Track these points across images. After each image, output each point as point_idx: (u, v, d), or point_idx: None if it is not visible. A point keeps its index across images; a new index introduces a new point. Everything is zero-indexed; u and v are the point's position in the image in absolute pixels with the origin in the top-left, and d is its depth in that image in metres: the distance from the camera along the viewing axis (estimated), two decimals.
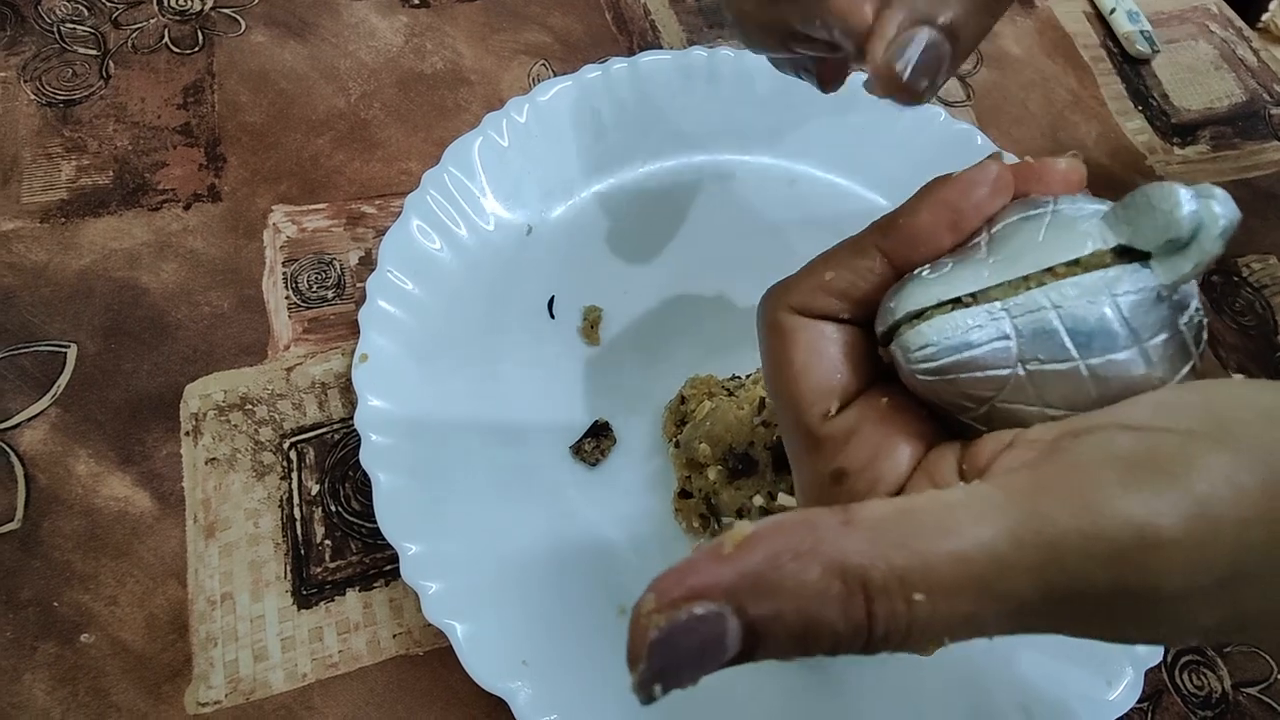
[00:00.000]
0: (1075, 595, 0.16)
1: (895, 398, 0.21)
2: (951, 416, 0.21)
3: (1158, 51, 0.60)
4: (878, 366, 0.22)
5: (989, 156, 0.21)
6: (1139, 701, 0.36)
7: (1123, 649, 0.36)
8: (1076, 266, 0.19)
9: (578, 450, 0.39)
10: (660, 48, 0.53)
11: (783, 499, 0.33)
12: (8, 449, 0.37)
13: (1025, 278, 0.19)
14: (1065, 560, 0.16)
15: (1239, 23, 0.64)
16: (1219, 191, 0.19)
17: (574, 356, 0.42)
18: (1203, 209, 0.18)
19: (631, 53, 0.50)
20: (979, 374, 0.19)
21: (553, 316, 0.43)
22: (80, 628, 0.34)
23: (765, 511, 0.34)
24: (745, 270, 0.44)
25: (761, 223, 0.47)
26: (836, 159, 0.48)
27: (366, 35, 0.52)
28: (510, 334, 0.42)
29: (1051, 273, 0.19)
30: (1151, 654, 0.36)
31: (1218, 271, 0.51)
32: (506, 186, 0.44)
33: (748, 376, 0.39)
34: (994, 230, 0.20)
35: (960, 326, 0.19)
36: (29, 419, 0.38)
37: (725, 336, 0.42)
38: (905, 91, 0.24)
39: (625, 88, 0.47)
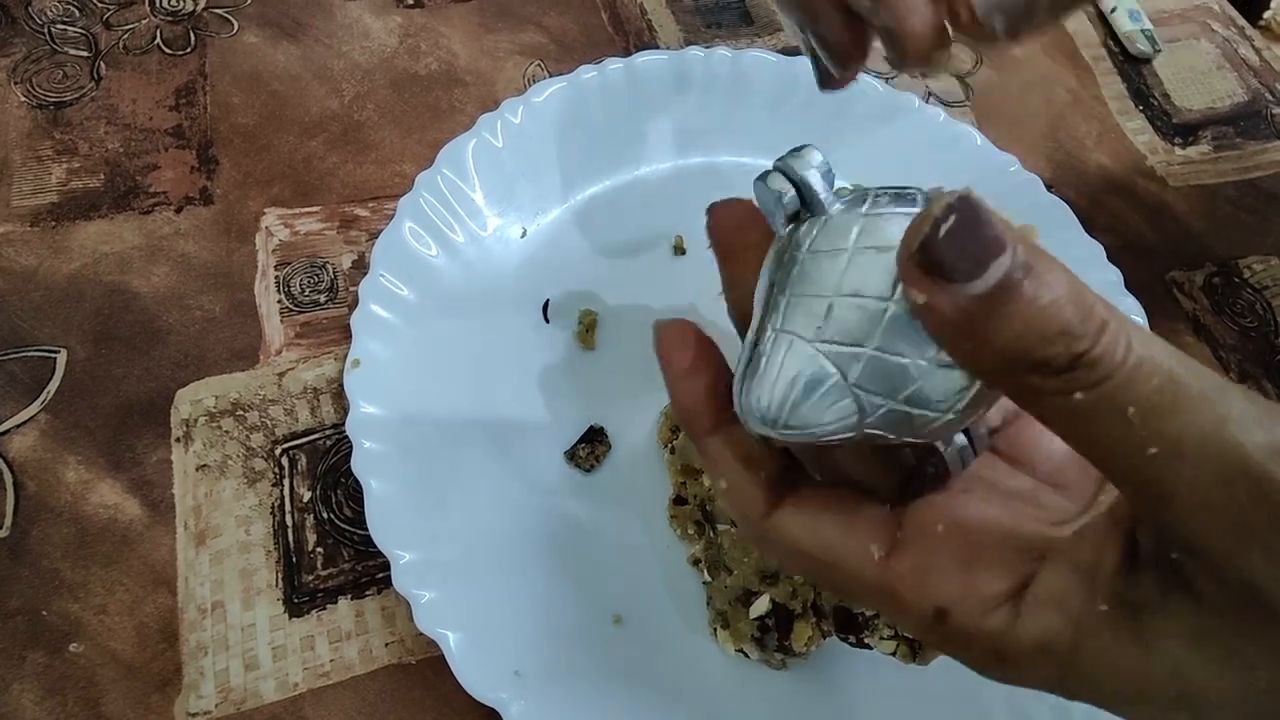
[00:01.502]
0: None
1: (944, 516, 0.21)
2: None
3: (1159, 51, 0.59)
4: (860, 499, 0.22)
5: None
6: None
7: None
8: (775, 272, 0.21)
9: (572, 456, 0.39)
10: (657, 48, 0.53)
11: None
12: None
13: (763, 314, 0.20)
14: None
15: (1241, 21, 0.63)
16: (804, 150, 0.21)
17: (569, 361, 0.41)
18: (792, 175, 0.21)
19: (628, 53, 0.49)
20: (819, 387, 0.19)
21: (547, 320, 0.42)
22: (69, 637, 0.34)
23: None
24: None
25: None
26: (834, 161, 0.47)
27: (360, 36, 0.52)
28: (504, 338, 0.41)
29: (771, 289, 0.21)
30: None
31: (1219, 272, 0.50)
32: (501, 189, 0.44)
33: None
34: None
35: (765, 371, 0.20)
36: (18, 425, 0.38)
37: (724, 340, 0.42)
38: (973, 26, 0.23)
39: (621, 89, 0.47)
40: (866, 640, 0.32)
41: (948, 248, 0.17)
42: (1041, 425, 0.18)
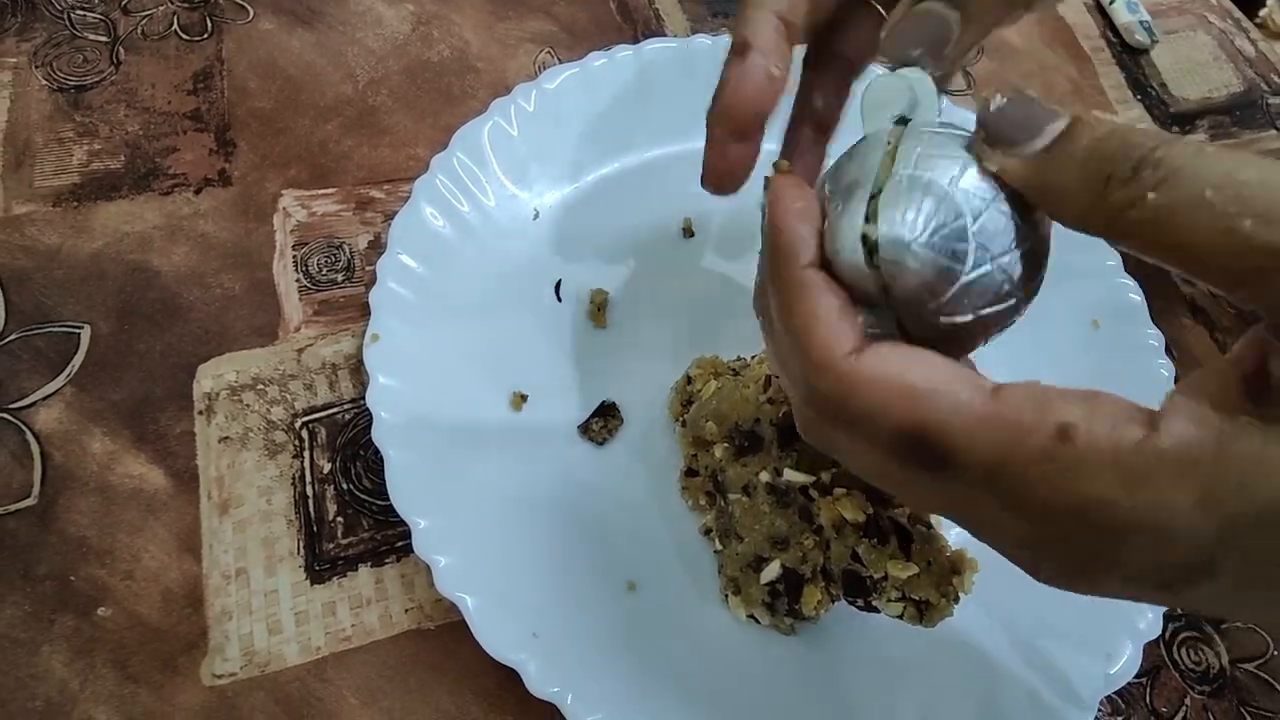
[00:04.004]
0: None
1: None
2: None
3: (1157, 42, 0.60)
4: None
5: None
6: (1137, 676, 0.36)
7: (1124, 625, 0.36)
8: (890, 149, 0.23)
9: (585, 430, 0.40)
10: (664, 36, 0.54)
11: (789, 474, 0.34)
12: (23, 427, 0.38)
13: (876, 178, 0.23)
14: None
15: (1237, 14, 0.64)
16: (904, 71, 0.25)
17: (581, 339, 0.42)
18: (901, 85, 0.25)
19: (636, 41, 0.50)
20: (948, 227, 0.22)
21: (560, 299, 0.43)
22: (97, 601, 0.35)
23: (771, 488, 0.34)
24: (749, 254, 0.45)
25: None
26: (841, 147, 0.48)
27: (373, 23, 0.52)
28: (518, 316, 0.42)
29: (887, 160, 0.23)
30: (1150, 628, 0.36)
31: None
32: (514, 171, 0.45)
33: (753, 357, 0.40)
34: (828, 184, 0.24)
35: (903, 199, 0.22)
36: (44, 398, 0.38)
37: (730, 318, 0.43)
38: (890, 57, 0.26)
39: (631, 75, 0.47)
40: (874, 603, 0.33)
41: (1002, 120, 0.21)
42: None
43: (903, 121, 0.25)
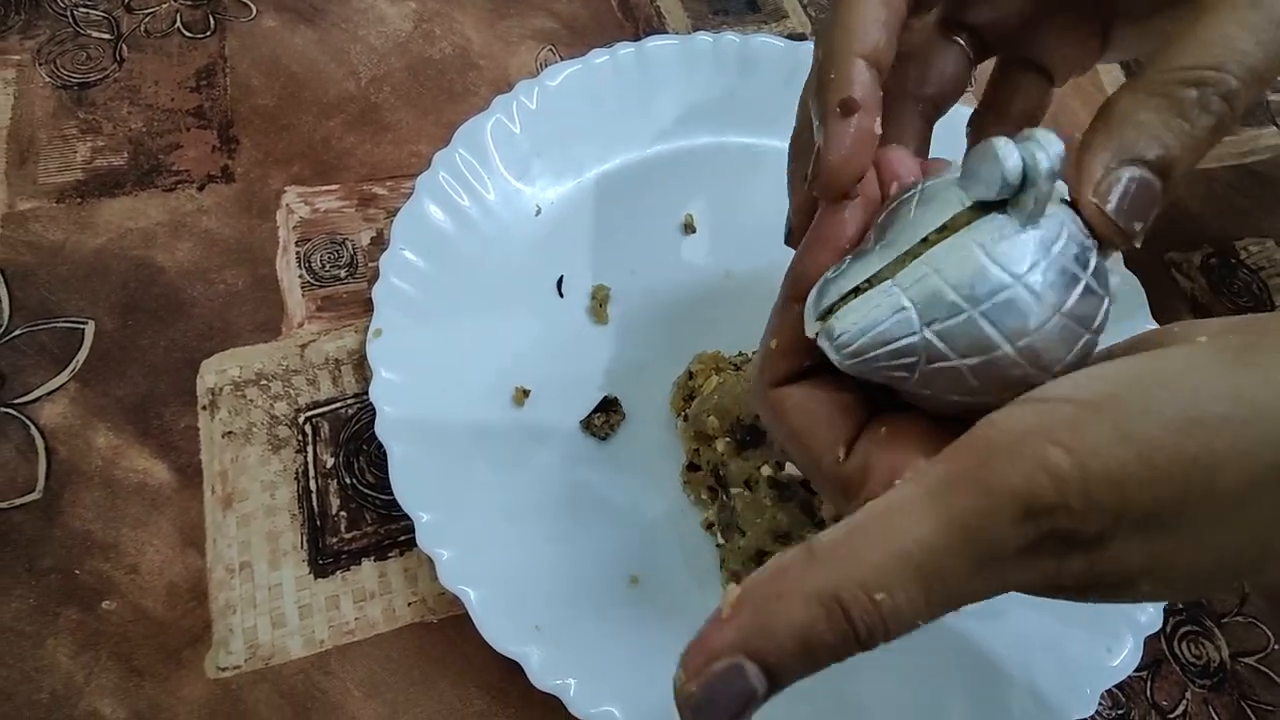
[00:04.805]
0: (997, 558, 0.18)
1: (891, 423, 0.23)
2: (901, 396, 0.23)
3: None
4: (862, 399, 0.24)
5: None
6: (1138, 669, 0.36)
7: (1125, 619, 0.36)
8: (945, 231, 0.21)
9: (587, 425, 0.40)
10: (665, 33, 0.54)
11: (790, 468, 0.34)
12: (28, 422, 0.38)
13: (905, 253, 0.21)
14: (979, 534, 0.18)
15: None
16: (1039, 132, 0.20)
17: (583, 334, 0.43)
18: (1025, 154, 0.20)
19: (637, 38, 0.50)
20: (892, 345, 0.21)
21: (562, 295, 0.43)
22: (101, 595, 0.35)
23: (773, 482, 0.34)
24: (750, 249, 0.45)
25: (766, 203, 0.47)
26: None
27: (376, 21, 0.53)
28: (520, 312, 0.42)
29: (925, 242, 0.21)
30: (1151, 622, 0.37)
31: (1216, 253, 0.51)
32: (516, 167, 0.45)
33: (754, 352, 0.40)
34: (878, 222, 0.23)
35: (863, 310, 0.21)
36: (48, 393, 0.39)
37: (731, 314, 0.43)
38: (1119, 235, 0.22)
39: (632, 71, 0.48)
40: None
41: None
42: None
43: (983, 206, 0.21)
